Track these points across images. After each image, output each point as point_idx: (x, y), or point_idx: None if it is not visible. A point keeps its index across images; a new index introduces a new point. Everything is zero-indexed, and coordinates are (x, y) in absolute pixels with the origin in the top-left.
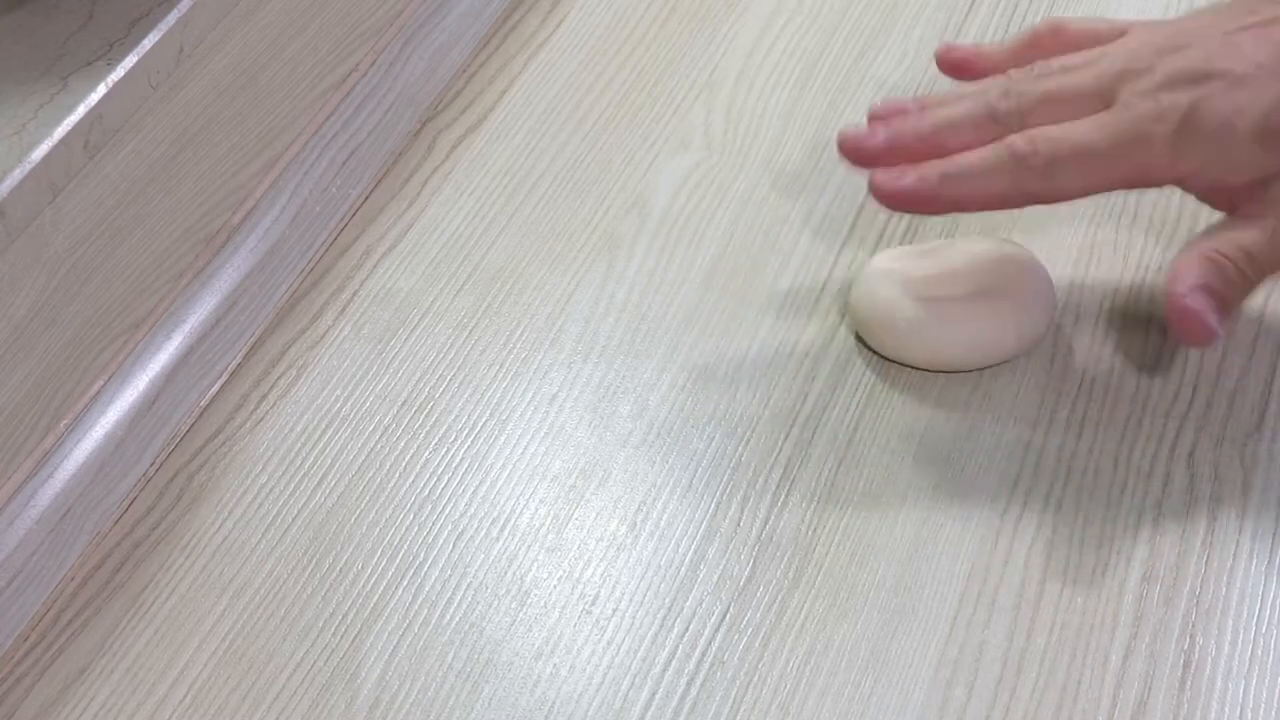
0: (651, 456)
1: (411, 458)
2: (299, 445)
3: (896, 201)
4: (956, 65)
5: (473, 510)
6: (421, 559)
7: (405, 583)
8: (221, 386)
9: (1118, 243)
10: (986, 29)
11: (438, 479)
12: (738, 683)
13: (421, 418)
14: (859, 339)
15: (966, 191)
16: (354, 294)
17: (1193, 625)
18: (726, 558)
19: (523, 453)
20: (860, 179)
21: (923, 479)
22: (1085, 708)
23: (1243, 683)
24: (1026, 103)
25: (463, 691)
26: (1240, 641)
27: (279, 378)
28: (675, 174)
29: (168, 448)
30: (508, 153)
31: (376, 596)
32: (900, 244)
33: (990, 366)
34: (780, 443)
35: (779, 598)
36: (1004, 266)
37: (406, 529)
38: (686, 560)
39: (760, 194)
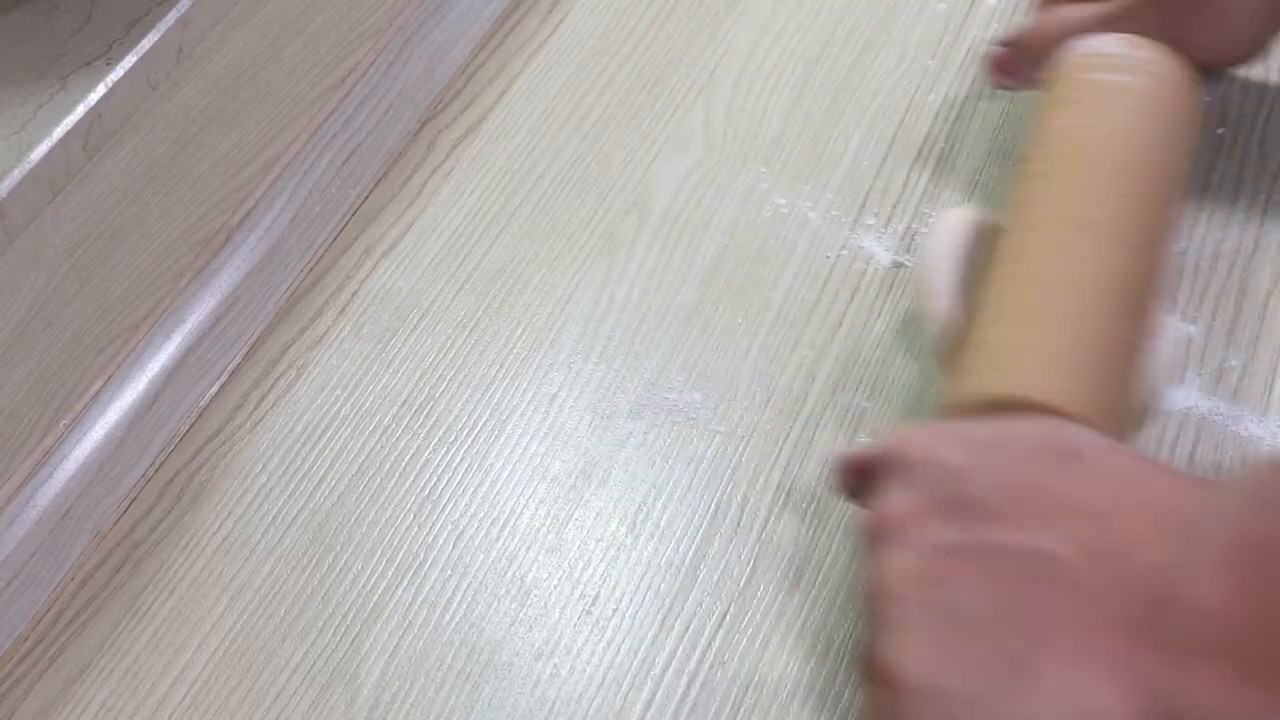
0: (651, 456)
1: (411, 458)
2: (299, 445)
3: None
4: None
5: (473, 510)
6: (421, 559)
7: (405, 583)
8: (221, 386)
9: None
10: (987, 28)
11: (438, 479)
12: (738, 683)
13: (421, 418)
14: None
15: None
16: (354, 294)
17: None
18: (726, 558)
19: (523, 453)
20: (860, 177)
21: None
22: None
23: None
24: None
25: (463, 691)
26: None
27: (279, 378)
28: (675, 174)
29: (168, 448)
30: (508, 153)
31: (376, 596)
32: (902, 239)
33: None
34: (780, 443)
35: (779, 598)
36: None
37: (406, 529)
38: (686, 560)
39: (760, 194)
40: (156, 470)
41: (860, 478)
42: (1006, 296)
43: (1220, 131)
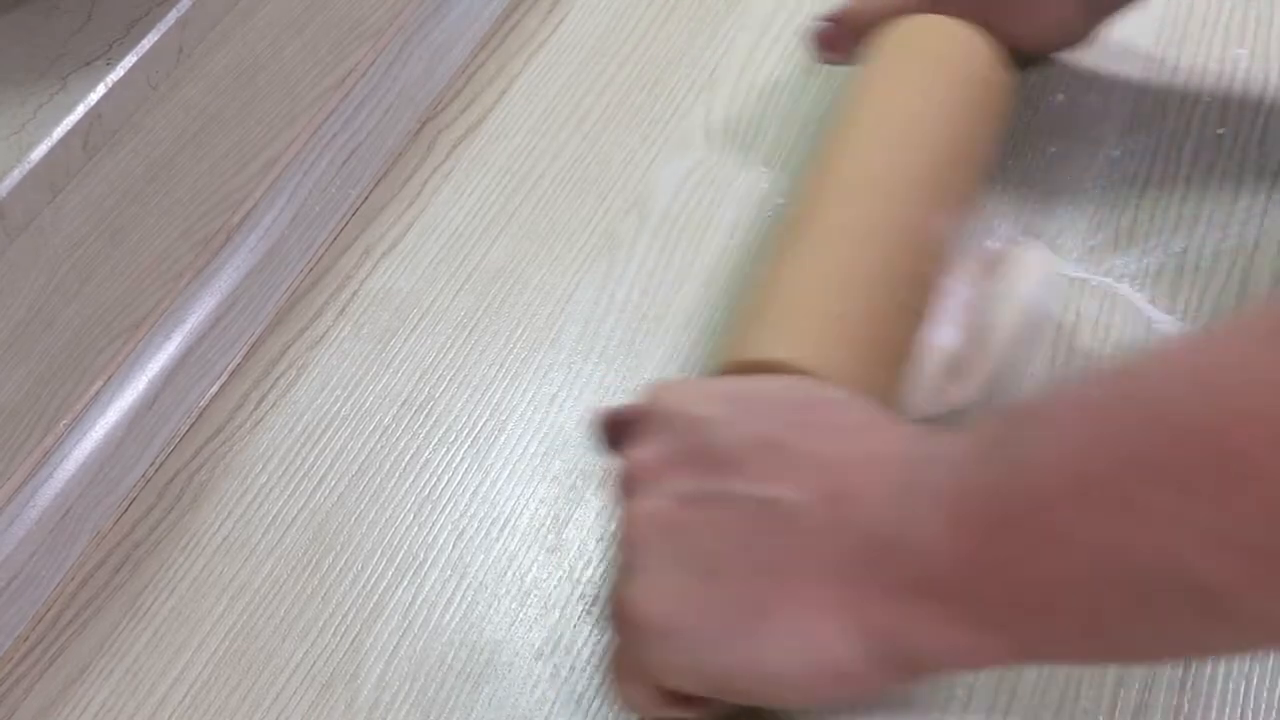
0: None
1: (411, 458)
2: (299, 445)
3: None
4: None
5: (473, 510)
6: (421, 559)
7: (405, 583)
8: (221, 386)
9: (1118, 237)
10: None
11: (438, 479)
12: None
13: (421, 418)
14: None
15: None
16: (354, 294)
17: None
18: None
19: (523, 453)
20: None
21: None
22: (1085, 708)
23: (1243, 683)
24: None
25: (463, 691)
26: None
27: (279, 378)
28: (675, 174)
29: (168, 448)
30: (508, 153)
31: (376, 596)
32: None
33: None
34: None
35: None
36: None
37: (406, 529)
38: None
39: (760, 193)
40: (156, 470)
41: (618, 431)
42: (767, 268)
43: (1220, 132)
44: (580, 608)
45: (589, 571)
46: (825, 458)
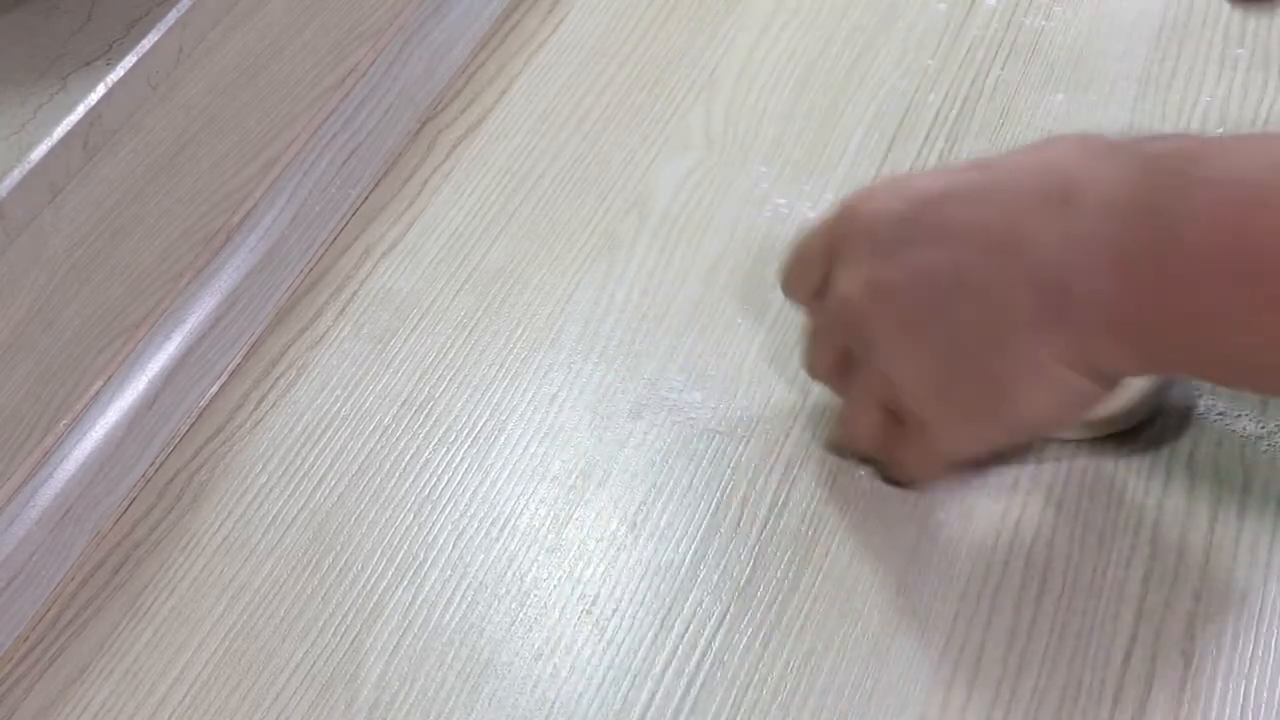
0: (651, 456)
1: (411, 458)
2: (299, 445)
3: None
4: None
5: (473, 510)
6: (421, 559)
7: (405, 583)
8: (221, 386)
9: None
10: (987, 28)
11: (438, 479)
12: (738, 683)
13: (421, 418)
14: None
15: None
16: (354, 294)
17: (1193, 625)
18: (726, 558)
19: (523, 453)
20: (860, 178)
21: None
22: (1085, 708)
23: (1243, 683)
24: None
25: (463, 692)
26: (1240, 642)
27: (279, 378)
28: (675, 174)
29: (168, 448)
30: (508, 153)
31: (376, 596)
32: None
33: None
34: (780, 443)
35: (779, 598)
36: None
37: (406, 529)
38: (686, 560)
39: (760, 194)
40: (156, 470)
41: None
42: None
43: (1220, 131)
44: (580, 608)
45: (589, 571)
46: (985, 217)
